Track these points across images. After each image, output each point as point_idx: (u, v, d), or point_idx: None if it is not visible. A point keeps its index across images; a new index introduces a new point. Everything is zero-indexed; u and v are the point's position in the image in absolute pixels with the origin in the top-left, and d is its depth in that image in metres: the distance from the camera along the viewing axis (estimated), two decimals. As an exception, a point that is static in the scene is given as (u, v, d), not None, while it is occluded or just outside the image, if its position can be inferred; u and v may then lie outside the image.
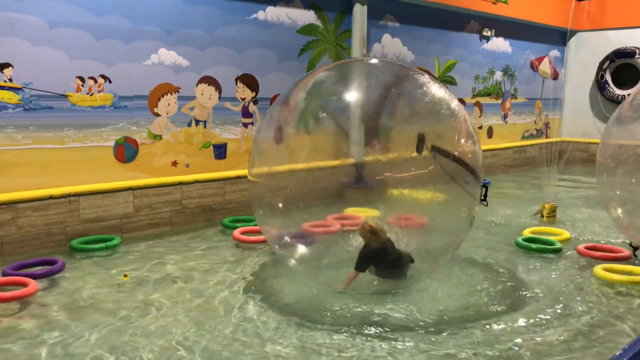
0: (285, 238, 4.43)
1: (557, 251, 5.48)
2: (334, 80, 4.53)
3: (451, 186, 4.15)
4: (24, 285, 4.12)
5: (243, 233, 5.68)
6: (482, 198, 4.24)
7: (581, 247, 5.47)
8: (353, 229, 4.61)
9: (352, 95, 4.42)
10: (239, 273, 4.76)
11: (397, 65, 5.12)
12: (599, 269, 4.83)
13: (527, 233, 6.01)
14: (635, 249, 5.39)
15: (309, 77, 4.52)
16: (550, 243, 5.62)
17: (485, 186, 4.28)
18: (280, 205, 4.30)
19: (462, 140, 4.17)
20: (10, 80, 5.17)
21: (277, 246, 4.46)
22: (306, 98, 4.43)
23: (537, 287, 4.55)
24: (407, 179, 4.26)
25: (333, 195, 4.59)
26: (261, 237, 5.15)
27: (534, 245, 5.55)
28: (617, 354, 2.94)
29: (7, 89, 5.16)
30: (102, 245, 5.29)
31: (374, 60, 5.11)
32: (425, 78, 4.38)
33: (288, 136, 4.42)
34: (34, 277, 4.34)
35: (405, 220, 4.60)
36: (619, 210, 5.67)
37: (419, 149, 4.08)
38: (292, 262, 4.48)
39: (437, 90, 4.27)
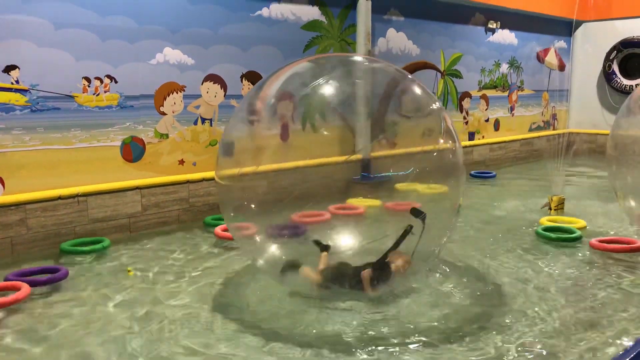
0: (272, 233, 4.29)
1: (578, 239, 5.48)
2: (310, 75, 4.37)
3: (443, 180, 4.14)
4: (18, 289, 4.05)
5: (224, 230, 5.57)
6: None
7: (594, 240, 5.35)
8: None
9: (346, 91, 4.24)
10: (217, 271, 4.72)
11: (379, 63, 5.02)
12: None
13: (544, 222, 6.07)
14: None
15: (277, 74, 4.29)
16: (571, 231, 5.65)
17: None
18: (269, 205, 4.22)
19: (442, 139, 4.13)
20: (17, 82, 5.20)
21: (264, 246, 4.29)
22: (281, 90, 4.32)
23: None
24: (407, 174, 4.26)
25: (335, 191, 4.55)
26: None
27: (553, 235, 5.56)
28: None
29: (14, 91, 5.19)
30: (99, 246, 5.25)
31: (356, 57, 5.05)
32: (404, 77, 4.38)
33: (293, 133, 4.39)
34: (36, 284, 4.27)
35: (400, 205, 4.64)
36: (631, 202, 5.68)
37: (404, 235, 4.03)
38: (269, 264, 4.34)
39: (417, 89, 4.26)
